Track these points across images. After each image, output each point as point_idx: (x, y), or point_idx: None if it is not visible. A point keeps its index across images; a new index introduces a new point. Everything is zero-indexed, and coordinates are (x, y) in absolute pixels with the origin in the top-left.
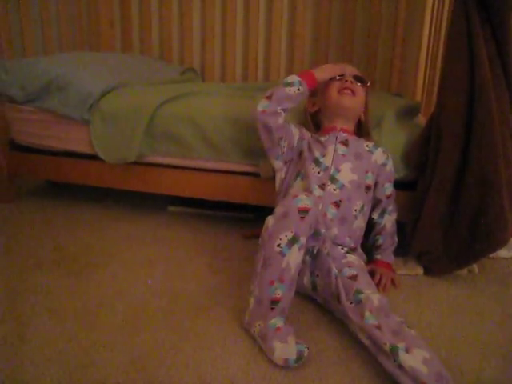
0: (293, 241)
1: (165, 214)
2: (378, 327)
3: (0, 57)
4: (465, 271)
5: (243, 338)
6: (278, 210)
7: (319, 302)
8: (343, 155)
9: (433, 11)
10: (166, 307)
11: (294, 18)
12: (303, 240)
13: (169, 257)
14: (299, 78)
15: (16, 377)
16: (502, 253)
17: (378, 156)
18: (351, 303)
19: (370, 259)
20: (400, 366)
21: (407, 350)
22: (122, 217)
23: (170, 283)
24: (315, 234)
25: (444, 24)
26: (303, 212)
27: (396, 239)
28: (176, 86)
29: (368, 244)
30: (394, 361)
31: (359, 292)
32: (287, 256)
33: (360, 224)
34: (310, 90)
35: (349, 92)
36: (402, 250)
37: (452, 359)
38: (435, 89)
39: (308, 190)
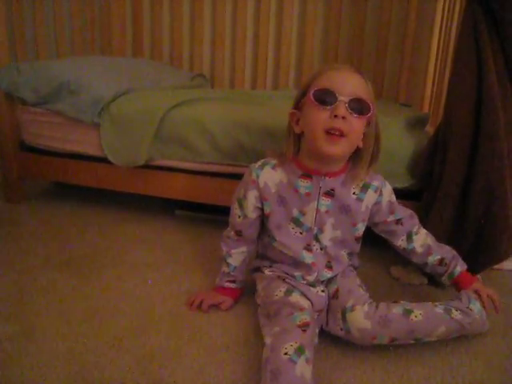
0: (300, 351)
1: (172, 217)
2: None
3: (13, 59)
4: None
5: (248, 343)
6: (273, 329)
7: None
8: (327, 211)
9: (442, 23)
10: (172, 310)
11: (303, 26)
12: (309, 354)
13: (175, 260)
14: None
15: (22, 375)
16: (508, 264)
17: (369, 200)
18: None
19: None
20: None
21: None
22: (129, 219)
23: (176, 286)
24: None
25: (453, 36)
26: (304, 326)
27: (449, 247)
28: (185, 91)
29: (427, 272)
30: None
31: (343, 315)
32: (298, 364)
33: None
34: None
35: (337, 136)
36: (406, 260)
37: (454, 369)
38: (443, 100)
39: (298, 261)
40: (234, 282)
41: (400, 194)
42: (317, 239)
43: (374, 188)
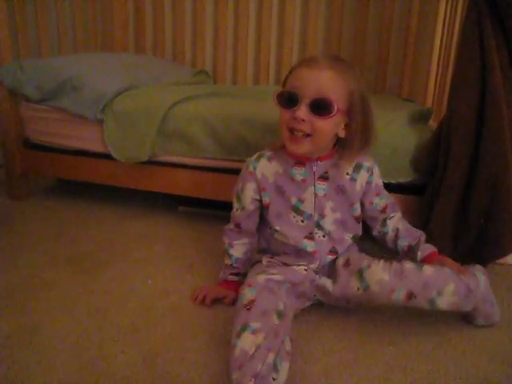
0: (241, 330)
1: (175, 213)
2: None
3: (16, 57)
4: None
5: None
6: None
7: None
8: (324, 195)
9: (445, 18)
10: (176, 305)
11: (306, 22)
12: (255, 325)
13: (179, 256)
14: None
15: (28, 370)
16: (511, 259)
17: (362, 180)
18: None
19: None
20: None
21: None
22: (132, 215)
23: (179, 282)
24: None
25: (456, 30)
26: (249, 304)
27: (420, 231)
28: (188, 87)
29: (397, 254)
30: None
31: (361, 274)
32: (238, 345)
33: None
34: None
35: (300, 137)
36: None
37: (458, 364)
38: (446, 95)
39: (299, 250)
40: (237, 274)
41: (404, 189)
42: (319, 226)
43: (366, 168)
